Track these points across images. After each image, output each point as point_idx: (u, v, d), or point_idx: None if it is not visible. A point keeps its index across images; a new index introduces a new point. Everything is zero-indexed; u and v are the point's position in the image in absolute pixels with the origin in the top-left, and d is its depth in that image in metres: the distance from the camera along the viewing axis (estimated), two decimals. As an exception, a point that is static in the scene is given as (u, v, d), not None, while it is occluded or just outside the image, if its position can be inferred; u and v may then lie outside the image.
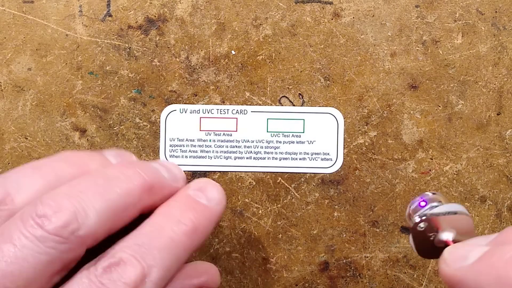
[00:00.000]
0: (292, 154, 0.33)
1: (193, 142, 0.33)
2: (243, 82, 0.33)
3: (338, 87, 0.33)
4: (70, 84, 0.33)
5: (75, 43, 0.33)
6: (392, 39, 0.33)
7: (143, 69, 0.33)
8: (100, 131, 0.33)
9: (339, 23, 0.33)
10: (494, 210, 0.33)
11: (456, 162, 0.33)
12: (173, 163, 0.25)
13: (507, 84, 0.33)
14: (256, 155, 0.33)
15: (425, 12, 0.33)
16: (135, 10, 0.33)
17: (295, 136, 0.33)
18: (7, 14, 0.33)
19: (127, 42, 0.33)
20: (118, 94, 0.33)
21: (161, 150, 0.33)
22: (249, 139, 0.33)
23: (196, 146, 0.33)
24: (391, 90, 0.33)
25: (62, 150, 0.33)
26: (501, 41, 0.33)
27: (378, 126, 0.33)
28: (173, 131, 0.33)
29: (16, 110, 0.33)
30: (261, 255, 0.33)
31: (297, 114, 0.33)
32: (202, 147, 0.33)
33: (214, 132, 0.33)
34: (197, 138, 0.33)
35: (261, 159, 0.33)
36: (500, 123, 0.33)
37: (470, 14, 0.33)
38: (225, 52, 0.33)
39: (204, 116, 0.33)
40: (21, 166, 0.22)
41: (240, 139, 0.33)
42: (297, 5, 0.33)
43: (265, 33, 0.33)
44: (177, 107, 0.33)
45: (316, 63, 0.33)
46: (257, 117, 0.33)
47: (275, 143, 0.33)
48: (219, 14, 0.33)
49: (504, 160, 0.33)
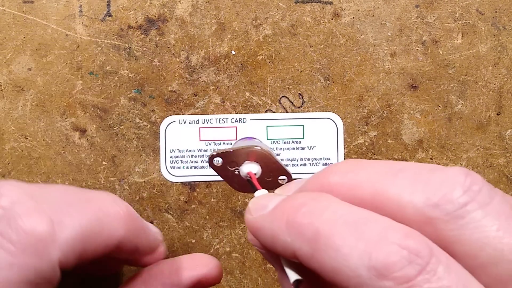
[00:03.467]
0: (293, 161, 0.33)
1: (193, 153, 0.33)
2: (243, 82, 0.33)
3: (338, 87, 0.33)
4: (70, 84, 0.33)
5: (75, 43, 0.33)
6: (392, 39, 0.33)
7: (143, 69, 0.33)
8: (100, 131, 0.33)
9: (339, 23, 0.33)
10: (494, 210, 0.33)
11: (456, 162, 0.33)
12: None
13: (507, 84, 0.33)
14: None
15: (425, 12, 0.33)
16: (135, 10, 0.33)
17: (295, 143, 0.33)
18: (7, 14, 0.33)
19: (127, 42, 0.33)
20: (118, 94, 0.33)
21: (162, 162, 0.33)
22: None
23: (196, 156, 0.33)
24: (391, 90, 0.33)
25: (62, 150, 0.33)
26: (501, 41, 0.33)
27: (378, 126, 0.33)
28: (173, 142, 0.33)
29: (16, 110, 0.33)
30: (261, 255, 0.33)
31: (296, 120, 0.33)
32: (202, 157, 0.33)
33: (214, 141, 0.33)
34: (197, 149, 0.33)
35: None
36: (500, 123, 0.33)
37: (470, 14, 0.33)
38: (225, 52, 0.33)
39: (203, 126, 0.33)
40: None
41: None
42: (297, 5, 0.33)
43: (265, 33, 0.33)
44: (176, 118, 0.33)
45: (316, 63, 0.33)
46: (256, 125, 0.33)
47: (276, 150, 0.33)
48: (219, 14, 0.33)
49: (504, 160, 0.33)
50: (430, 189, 0.18)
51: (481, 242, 0.17)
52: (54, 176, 0.33)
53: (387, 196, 0.19)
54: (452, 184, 0.18)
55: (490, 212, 0.18)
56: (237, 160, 0.25)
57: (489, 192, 0.18)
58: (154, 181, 0.33)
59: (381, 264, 0.17)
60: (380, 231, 0.18)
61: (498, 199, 0.18)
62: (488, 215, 0.18)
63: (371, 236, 0.17)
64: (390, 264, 0.17)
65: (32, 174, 0.33)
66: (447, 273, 0.17)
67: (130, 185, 0.33)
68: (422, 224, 0.18)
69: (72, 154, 0.33)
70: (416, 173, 0.19)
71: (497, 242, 0.17)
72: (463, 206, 0.18)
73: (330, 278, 0.18)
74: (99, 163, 0.33)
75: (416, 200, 0.18)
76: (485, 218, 0.18)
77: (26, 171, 0.33)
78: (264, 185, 0.26)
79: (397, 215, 0.18)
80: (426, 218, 0.18)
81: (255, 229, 0.21)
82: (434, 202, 0.18)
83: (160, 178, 0.33)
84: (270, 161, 0.26)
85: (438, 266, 0.17)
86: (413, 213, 0.18)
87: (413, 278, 0.17)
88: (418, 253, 0.17)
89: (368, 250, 0.17)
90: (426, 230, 0.18)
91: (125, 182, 0.33)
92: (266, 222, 0.20)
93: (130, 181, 0.33)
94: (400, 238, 0.17)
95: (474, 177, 0.18)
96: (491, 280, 0.18)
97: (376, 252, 0.17)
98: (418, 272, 0.17)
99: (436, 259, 0.17)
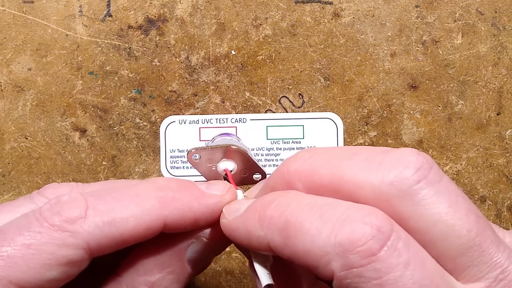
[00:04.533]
0: None
1: None
2: (243, 82, 0.33)
3: (338, 87, 0.33)
4: (70, 84, 0.33)
5: (75, 43, 0.33)
6: (392, 39, 0.33)
7: (143, 69, 0.33)
8: (100, 131, 0.33)
9: (339, 23, 0.33)
10: (494, 210, 0.33)
11: (456, 162, 0.33)
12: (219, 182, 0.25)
13: (507, 84, 0.33)
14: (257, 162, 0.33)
15: (425, 12, 0.33)
16: (135, 10, 0.33)
17: (295, 143, 0.33)
18: (7, 14, 0.33)
19: (127, 42, 0.33)
20: (118, 94, 0.33)
21: (162, 162, 0.33)
22: (249, 147, 0.33)
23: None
24: (391, 90, 0.33)
25: (62, 150, 0.33)
26: (501, 41, 0.33)
27: (378, 126, 0.33)
28: (173, 142, 0.33)
29: (16, 110, 0.33)
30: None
31: (296, 120, 0.33)
32: None
33: None
34: None
35: (262, 167, 0.33)
36: (500, 123, 0.33)
37: (470, 14, 0.33)
38: (225, 52, 0.33)
39: (203, 126, 0.33)
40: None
41: None
42: (297, 5, 0.33)
43: (265, 33, 0.33)
44: (176, 118, 0.33)
45: (316, 63, 0.33)
46: (256, 125, 0.33)
47: (276, 150, 0.33)
48: (219, 14, 0.33)
49: (504, 160, 0.33)
50: (385, 169, 0.19)
51: (433, 218, 0.19)
52: (54, 176, 0.33)
53: (344, 178, 0.20)
54: (405, 163, 0.19)
55: (441, 190, 0.19)
56: (215, 158, 0.27)
57: (439, 171, 0.19)
58: (154, 181, 0.33)
59: (346, 240, 0.18)
60: (343, 211, 0.19)
61: (446, 178, 0.19)
62: (440, 193, 0.19)
63: (336, 217, 0.19)
64: (354, 240, 0.18)
65: (32, 174, 0.33)
66: (406, 248, 0.18)
67: (130, 185, 0.33)
68: (379, 202, 0.19)
69: (72, 154, 0.33)
70: (370, 155, 0.20)
71: (449, 218, 0.18)
72: (416, 183, 0.19)
73: (302, 262, 0.19)
74: (99, 163, 0.33)
75: (372, 179, 0.19)
76: (437, 195, 0.19)
77: (26, 171, 0.33)
78: (239, 180, 0.28)
79: (355, 195, 0.20)
80: (382, 196, 0.19)
81: (231, 230, 0.22)
82: (389, 180, 0.19)
83: (160, 178, 0.33)
84: (246, 159, 0.27)
85: (399, 242, 0.18)
86: (370, 192, 0.19)
87: (376, 252, 0.18)
88: (380, 229, 0.18)
89: (334, 229, 0.18)
90: (383, 207, 0.19)
91: (125, 182, 0.33)
92: (240, 223, 0.21)
93: (130, 181, 0.33)
94: (363, 215, 0.18)
95: (425, 157, 0.19)
96: (441, 254, 0.19)
97: (341, 230, 0.18)
98: (380, 246, 0.18)
99: (397, 235, 0.18)
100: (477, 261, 0.19)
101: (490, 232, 0.19)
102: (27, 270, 0.20)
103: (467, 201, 0.19)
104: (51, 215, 0.21)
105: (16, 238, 0.20)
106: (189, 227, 0.23)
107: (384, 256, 0.18)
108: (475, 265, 0.19)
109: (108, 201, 0.22)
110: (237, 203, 0.23)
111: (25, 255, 0.20)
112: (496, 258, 0.19)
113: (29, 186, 0.33)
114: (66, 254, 0.20)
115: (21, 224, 0.21)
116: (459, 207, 0.19)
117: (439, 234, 0.18)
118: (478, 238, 0.19)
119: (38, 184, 0.33)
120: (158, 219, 0.22)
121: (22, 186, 0.33)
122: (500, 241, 0.19)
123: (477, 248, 0.19)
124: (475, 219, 0.19)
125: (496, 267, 0.19)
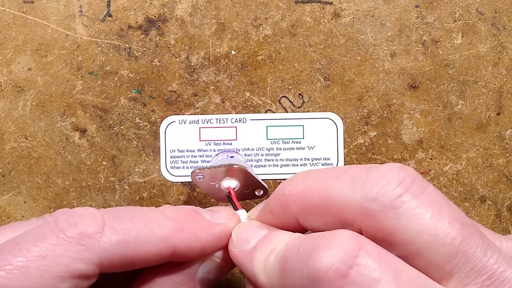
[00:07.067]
0: (292, 161, 0.33)
1: (193, 153, 0.33)
2: (243, 82, 0.33)
3: (338, 87, 0.33)
4: (70, 84, 0.33)
5: (75, 43, 0.33)
6: (392, 39, 0.33)
7: (143, 69, 0.33)
8: (100, 131, 0.33)
9: (339, 23, 0.33)
10: (494, 210, 0.33)
11: (456, 162, 0.33)
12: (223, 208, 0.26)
13: (507, 84, 0.33)
14: (257, 162, 0.33)
15: (425, 12, 0.33)
16: (135, 10, 0.33)
17: (295, 143, 0.33)
18: (7, 14, 0.33)
19: (127, 42, 0.33)
20: (118, 94, 0.33)
21: (162, 162, 0.33)
22: (249, 147, 0.33)
23: (196, 156, 0.33)
24: (391, 90, 0.33)
25: (62, 150, 0.33)
26: (501, 41, 0.33)
27: (378, 126, 0.33)
28: (173, 142, 0.33)
29: (16, 110, 0.33)
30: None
31: (296, 120, 0.33)
32: (202, 157, 0.33)
33: (214, 141, 0.33)
34: (197, 148, 0.33)
35: (262, 167, 0.33)
36: (500, 123, 0.33)
37: (470, 14, 0.33)
38: (225, 52, 0.33)
39: (203, 126, 0.33)
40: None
41: (240, 147, 0.33)
42: (297, 5, 0.33)
43: (265, 33, 0.33)
44: (176, 118, 0.33)
45: (316, 63, 0.33)
46: (256, 125, 0.33)
47: (275, 150, 0.33)
48: (219, 14, 0.33)
49: (504, 160, 0.33)
50: (368, 186, 0.20)
51: (417, 229, 0.19)
52: (54, 176, 0.33)
53: (332, 197, 0.21)
54: (386, 179, 0.20)
55: (423, 201, 0.19)
56: (218, 176, 0.29)
57: (422, 183, 0.20)
58: (154, 181, 0.33)
59: (315, 270, 0.19)
60: (313, 243, 0.20)
61: (430, 189, 0.20)
62: (422, 204, 0.19)
63: (307, 249, 0.19)
64: (321, 267, 0.19)
65: (32, 174, 0.33)
66: (377, 264, 0.18)
67: (130, 185, 0.33)
68: (365, 217, 0.20)
69: (72, 154, 0.33)
70: (356, 174, 0.21)
71: (432, 228, 0.19)
72: (398, 197, 0.19)
73: None
74: (99, 163, 0.33)
75: (356, 197, 0.20)
76: (420, 207, 0.19)
77: (26, 171, 0.33)
78: (242, 196, 0.29)
79: (343, 213, 0.20)
80: (368, 212, 0.19)
81: (238, 263, 0.23)
82: (372, 196, 0.19)
83: (160, 178, 0.33)
84: (248, 177, 0.29)
85: (368, 259, 0.18)
86: (356, 210, 0.20)
87: (346, 273, 0.18)
88: (346, 250, 0.19)
89: (305, 262, 0.19)
90: (369, 223, 0.19)
91: (125, 182, 0.33)
92: (248, 261, 0.22)
93: (130, 181, 0.33)
94: (328, 240, 0.19)
95: (407, 170, 0.20)
96: (428, 263, 0.19)
97: (309, 261, 0.19)
98: (348, 267, 0.18)
99: (365, 252, 0.18)
100: (464, 268, 0.19)
101: (477, 238, 0.19)
102: (41, 281, 0.20)
103: (453, 210, 0.20)
104: (67, 227, 0.21)
105: (32, 249, 0.21)
106: (196, 256, 0.24)
107: (354, 275, 0.18)
108: (461, 271, 0.19)
109: (123, 221, 0.22)
110: (248, 232, 0.24)
111: (40, 267, 0.20)
112: (483, 263, 0.19)
113: (29, 186, 0.33)
114: (79, 268, 0.21)
115: (36, 235, 0.21)
116: (442, 216, 0.19)
117: (424, 244, 0.19)
118: (464, 245, 0.19)
119: (38, 184, 0.33)
120: (168, 247, 0.23)
121: (22, 186, 0.33)
122: (489, 246, 0.19)
123: (463, 255, 0.19)
124: (460, 227, 0.19)
125: (482, 272, 0.19)
